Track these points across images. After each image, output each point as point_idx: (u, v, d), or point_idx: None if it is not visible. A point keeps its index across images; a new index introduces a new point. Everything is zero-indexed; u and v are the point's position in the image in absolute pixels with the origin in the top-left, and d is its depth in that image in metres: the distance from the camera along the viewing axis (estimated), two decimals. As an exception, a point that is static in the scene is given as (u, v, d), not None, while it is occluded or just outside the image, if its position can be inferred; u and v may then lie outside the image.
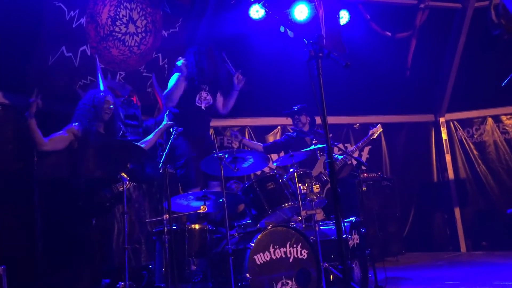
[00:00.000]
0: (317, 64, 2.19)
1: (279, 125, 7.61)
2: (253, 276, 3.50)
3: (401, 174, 7.91)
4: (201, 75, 5.05)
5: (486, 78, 7.28)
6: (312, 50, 2.21)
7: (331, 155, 2.18)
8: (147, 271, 4.19)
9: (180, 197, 4.08)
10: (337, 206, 2.13)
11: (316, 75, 2.18)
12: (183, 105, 5.03)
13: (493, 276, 4.75)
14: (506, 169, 7.71)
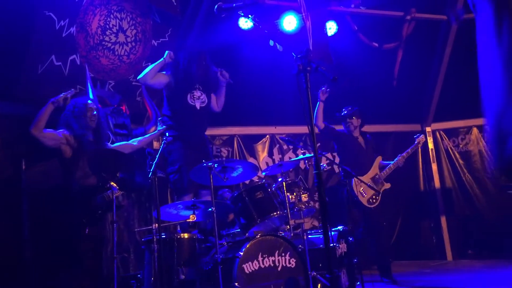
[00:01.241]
0: (305, 77, 2.25)
1: (268, 134, 7.65)
2: (241, 285, 3.53)
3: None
4: (190, 77, 5.12)
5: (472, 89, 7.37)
6: (301, 64, 2.27)
7: (319, 166, 2.24)
8: (135, 280, 4.19)
9: (170, 206, 4.11)
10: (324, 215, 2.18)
11: (305, 88, 2.24)
12: (175, 105, 5.07)
13: (478, 284, 4.83)
14: (491, 178, 7.82)
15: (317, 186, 2.16)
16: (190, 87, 5.16)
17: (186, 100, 5.10)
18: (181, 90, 5.12)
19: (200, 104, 5.15)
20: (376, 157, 5.81)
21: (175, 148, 4.89)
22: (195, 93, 5.15)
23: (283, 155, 7.57)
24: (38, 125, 4.08)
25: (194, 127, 5.12)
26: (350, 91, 7.54)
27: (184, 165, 4.87)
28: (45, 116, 4.09)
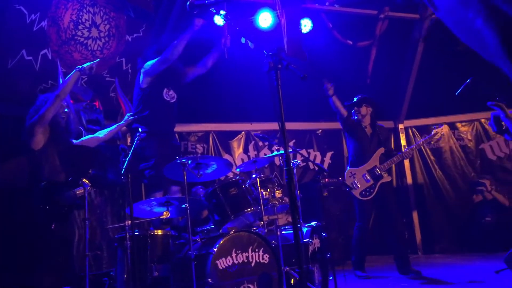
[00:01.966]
0: (276, 75, 2.26)
1: (243, 130, 7.67)
2: (215, 281, 3.54)
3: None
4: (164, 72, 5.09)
5: (443, 87, 7.57)
6: (272, 62, 2.29)
7: (289, 162, 2.26)
8: (108, 278, 4.16)
9: (143, 202, 4.08)
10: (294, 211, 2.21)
11: (276, 85, 2.26)
12: (153, 100, 5.03)
13: (447, 278, 4.95)
14: (461, 174, 8.02)
15: (287, 182, 2.18)
16: (165, 82, 5.12)
17: (162, 94, 5.07)
18: (159, 84, 5.08)
19: (171, 99, 5.14)
20: (379, 148, 5.65)
21: (149, 143, 4.84)
22: (168, 89, 5.13)
23: (259, 152, 7.59)
24: (65, 90, 4.20)
25: (168, 122, 5.10)
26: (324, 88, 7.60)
27: (159, 161, 4.84)
28: (71, 82, 4.20)
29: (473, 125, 8.18)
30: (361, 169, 5.57)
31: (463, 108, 8.01)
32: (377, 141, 5.67)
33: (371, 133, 5.71)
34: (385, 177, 5.51)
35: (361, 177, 5.51)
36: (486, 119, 8.02)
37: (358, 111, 5.75)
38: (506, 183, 7.71)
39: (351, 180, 5.57)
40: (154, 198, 4.27)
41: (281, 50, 2.13)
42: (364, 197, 5.50)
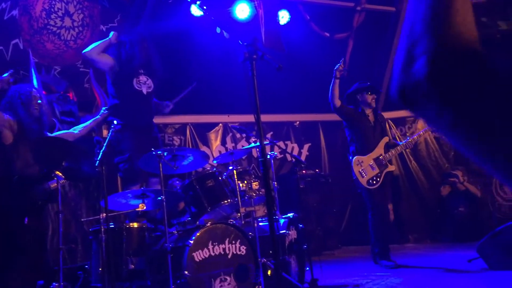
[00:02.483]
0: (251, 65, 2.25)
1: (221, 122, 7.63)
2: (191, 273, 3.53)
3: (339, 171, 8.16)
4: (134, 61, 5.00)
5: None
6: (247, 52, 2.27)
7: (265, 153, 2.25)
8: (83, 271, 4.10)
9: (119, 195, 4.03)
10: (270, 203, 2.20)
11: (251, 76, 2.24)
12: (122, 91, 4.93)
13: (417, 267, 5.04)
14: (435, 166, 8.15)
15: (263, 173, 2.18)
16: (134, 72, 5.01)
17: (132, 85, 4.96)
18: (126, 75, 4.97)
19: (147, 89, 5.03)
20: (383, 137, 5.61)
21: (124, 137, 4.77)
22: (141, 78, 5.02)
23: (236, 144, 7.57)
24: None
25: (143, 113, 5.00)
26: (301, 80, 7.63)
27: (134, 154, 4.78)
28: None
29: (445, 117, 8.30)
30: (367, 157, 5.50)
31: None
32: (381, 130, 5.65)
33: (374, 121, 5.65)
34: (390, 166, 5.52)
35: (368, 165, 5.46)
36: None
37: (363, 98, 5.63)
38: (478, 174, 7.87)
39: (359, 168, 5.47)
40: (130, 190, 4.22)
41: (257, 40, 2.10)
42: (371, 185, 5.43)
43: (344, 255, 5.78)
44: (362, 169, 5.46)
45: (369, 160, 5.48)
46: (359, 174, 5.45)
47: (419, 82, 0.67)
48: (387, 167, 5.49)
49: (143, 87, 5.02)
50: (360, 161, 5.49)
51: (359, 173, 5.45)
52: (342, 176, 8.11)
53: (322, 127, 8.37)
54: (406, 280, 4.28)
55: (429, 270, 4.81)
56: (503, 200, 7.80)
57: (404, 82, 0.70)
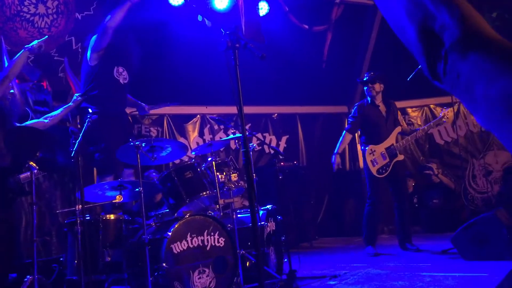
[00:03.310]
0: (234, 54, 2.21)
1: (199, 114, 7.58)
2: (170, 265, 3.49)
3: (316, 163, 8.22)
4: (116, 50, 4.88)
5: (395, 73, 7.75)
6: (229, 41, 2.23)
7: (247, 144, 2.23)
8: (58, 264, 4.03)
9: (95, 186, 3.96)
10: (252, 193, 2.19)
11: (233, 65, 2.21)
12: (102, 79, 4.81)
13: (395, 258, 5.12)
14: (410, 159, 8.27)
15: (245, 164, 2.16)
16: (117, 61, 4.90)
17: (113, 73, 4.85)
18: (110, 61, 4.85)
19: (123, 80, 4.91)
20: (396, 127, 5.68)
21: (100, 126, 4.63)
22: (119, 68, 4.91)
23: (214, 136, 7.53)
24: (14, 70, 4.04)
25: (118, 102, 4.88)
26: (280, 72, 7.62)
27: (109, 144, 4.68)
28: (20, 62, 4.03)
29: (422, 110, 8.44)
30: (380, 146, 5.59)
31: (413, 94, 8.23)
32: (393, 119, 5.71)
33: (385, 111, 5.71)
34: (399, 156, 5.59)
35: (380, 154, 5.55)
36: (435, 104, 8.29)
37: (372, 87, 5.67)
38: (452, 167, 8.03)
39: (371, 157, 5.57)
40: (106, 182, 4.14)
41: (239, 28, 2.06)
42: (380, 174, 5.54)
43: (321, 246, 5.84)
44: (374, 158, 5.57)
45: (381, 149, 5.59)
46: (371, 163, 5.56)
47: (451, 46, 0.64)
48: (397, 157, 5.58)
49: (120, 77, 4.91)
50: (373, 150, 5.59)
51: (370, 162, 5.56)
52: (319, 168, 8.18)
53: (300, 120, 8.39)
54: (384, 271, 4.33)
55: (406, 260, 4.88)
56: (475, 192, 7.97)
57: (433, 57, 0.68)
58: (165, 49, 6.15)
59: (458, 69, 0.68)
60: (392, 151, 5.55)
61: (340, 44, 7.98)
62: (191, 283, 3.55)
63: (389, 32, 4.52)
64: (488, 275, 3.73)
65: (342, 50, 8.11)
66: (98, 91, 4.76)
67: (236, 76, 2.15)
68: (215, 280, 3.66)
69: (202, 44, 6.90)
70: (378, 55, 8.10)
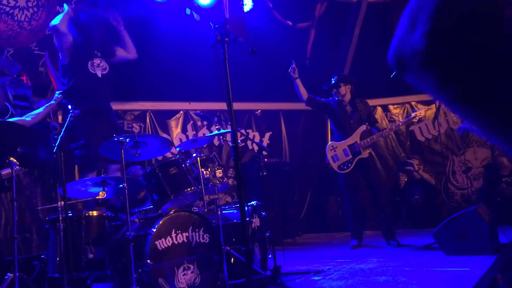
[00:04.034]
0: (223, 48, 2.20)
1: (182, 110, 7.53)
2: (154, 262, 3.46)
3: (300, 160, 8.25)
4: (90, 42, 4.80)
5: (377, 70, 7.79)
6: (219, 34, 2.21)
7: (236, 139, 2.21)
8: (39, 261, 3.95)
9: (77, 182, 3.89)
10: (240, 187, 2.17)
11: (222, 59, 2.19)
12: (76, 74, 4.72)
13: (378, 253, 5.17)
14: (392, 155, 8.37)
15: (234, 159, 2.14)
16: (90, 54, 4.81)
17: (87, 68, 4.76)
18: (82, 56, 4.77)
19: (102, 71, 4.83)
20: (361, 125, 5.75)
21: (80, 122, 4.55)
22: (95, 61, 4.82)
23: (197, 132, 7.49)
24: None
25: (98, 97, 4.80)
26: (263, 68, 7.61)
27: (90, 140, 4.61)
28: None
29: (404, 107, 8.53)
30: (342, 143, 5.73)
31: (395, 91, 8.31)
32: (359, 118, 5.79)
33: (351, 110, 5.82)
34: (363, 153, 5.66)
35: (342, 151, 5.68)
36: (416, 101, 8.38)
37: (337, 92, 5.84)
38: (433, 163, 8.15)
39: (332, 153, 5.73)
40: (89, 178, 4.08)
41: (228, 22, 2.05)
42: (342, 170, 5.69)
43: (305, 242, 5.86)
44: (334, 154, 5.72)
45: (344, 146, 5.70)
46: (331, 158, 5.72)
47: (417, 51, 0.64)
48: (361, 154, 5.66)
49: (97, 70, 4.83)
50: (334, 147, 5.74)
51: (331, 158, 5.72)
52: (302, 165, 8.21)
53: (283, 116, 8.40)
54: (368, 266, 4.37)
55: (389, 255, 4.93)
56: (455, 189, 8.10)
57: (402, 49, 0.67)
58: (148, 45, 6.08)
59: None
60: (355, 149, 5.66)
61: (324, 41, 8.01)
62: (175, 280, 3.52)
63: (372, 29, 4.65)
64: (469, 269, 3.79)
65: (325, 47, 8.14)
66: (76, 88, 4.68)
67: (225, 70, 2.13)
68: (200, 277, 3.64)
69: (186, 39, 6.85)
70: (361, 52, 8.15)
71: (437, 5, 0.63)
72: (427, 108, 8.07)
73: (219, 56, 2.21)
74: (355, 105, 5.84)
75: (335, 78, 5.91)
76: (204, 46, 6.96)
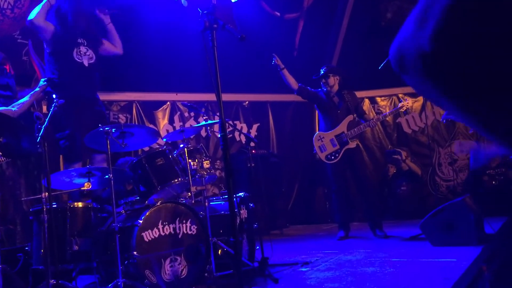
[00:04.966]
0: (211, 35, 2.15)
1: (169, 101, 7.46)
2: (141, 254, 3.42)
3: (287, 151, 8.24)
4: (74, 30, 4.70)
5: (365, 62, 7.80)
6: (207, 21, 2.16)
7: (225, 128, 2.18)
8: (23, 253, 3.89)
9: (62, 173, 3.82)
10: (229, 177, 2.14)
11: (211, 46, 2.14)
12: (61, 63, 4.63)
13: (365, 244, 5.18)
14: (379, 147, 8.40)
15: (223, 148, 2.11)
16: (74, 42, 4.71)
17: (72, 56, 4.67)
18: (66, 45, 4.67)
19: (88, 60, 4.74)
20: (348, 115, 5.78)
21: (65, 112, 4.46)
22: (81, 49, 4.73)
23: (184, 123, 7.43)
24: None
25: (84, 86, 4.72)
26: (251, 59, 7.55)
27: (75, 131, 4.53)
28: None
29: (391, 99, 8.55)
30: (329, 133, 5.76)
31: (382, 84, 8.32)
32: (346, 108, 5.81)
33: (338, 102, 5.84)
34: (350, 144, 5.68)
35: (329, 141, 5.72)
36: (403, 94, 8.40)
37: (326, 82, 5.87)
38: (419, 155, 8.20)
39: (319, 143, 5.77)
40: (74, 168, 4.01)
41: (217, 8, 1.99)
42: (329, 160, 5.72)
43: (292, 233, 5.87)
44: (322, 144, 5.76)
45: (331, 136, 5.74)
46: (319, 148, 5.77)
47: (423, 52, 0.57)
48: (348, 144, 5.69)
49: (84, 59, 4.73)
50: (322, 137, 5.79)
51: (318, 148, 5.76)
52: (289, 156, 8.19)
53: (271, 107, 8.37)
54: (355, 257, 4.38)
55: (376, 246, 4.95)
56: (441, 180, 8.16)
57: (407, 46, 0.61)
58: (134, 34, 5.98)
59: None
60: (343, 138, 5.69)
61: (312, 32, 7.97)
62: (162, 272, 3.49)
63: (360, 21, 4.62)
64: (456, 260, 3.81)
65: (314, 38, 8.10)
66: (61, 77, 4.59)
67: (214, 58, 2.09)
68: (187, 268, 3.62)
69: (172, 30, 6.76)
70: (349, 44, 8.14)
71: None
72: (414, 100, 8.08)
73: (208, 43, 2.16)
74: (342, 96, 5.86)
75: (324, 69, 5.93)
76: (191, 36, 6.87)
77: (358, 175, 5.76)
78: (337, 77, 5.89)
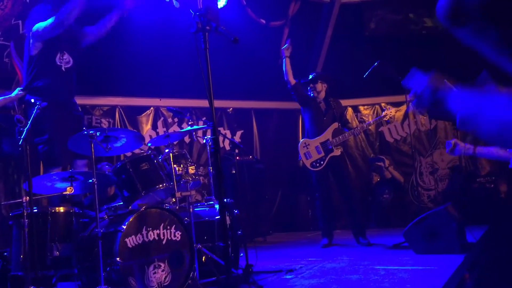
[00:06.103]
0: (204, 37, 2.13)
1: (152, 106, 7.40)
2: (124, 260, 3.35)
3: (271, 158, 8.23)
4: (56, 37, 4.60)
5: (348, 71, 7.87)
6: (200, 22, 2.14)
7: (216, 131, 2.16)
8: (1, 259, 3.79)
9: (43, 177, 3.74)
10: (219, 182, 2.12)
11: (203, 48, 2.12)
12: (43, 66, 4.52)
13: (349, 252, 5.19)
14: (361, 155, 8.47)
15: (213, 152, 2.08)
16: (58, 46, 4.62)
17: (55, 60, 4.58)
18: (53, 49, 4.58)
19: (65, 64, 4.65)
20: (333, 123, 5.82)
21: (45, 116, 4.33)
22: (64, 54, 4.65)
23: (168, 128, 7.38)
24: None
25: (65, 91, 4.63)
26: (236, 66, 7.55)
27: (54, 135, 4.43)
28: None
29: (373, 108, 8.64)
30: (315, 140, 5.78)
31: (365, 92, 8.41)
32: (332, 116, 5.85)
33: (325, 108, 5.87)
34: (335, 151, 5.71)
35: (314, 148, 5.73)
36: (386, 103, 8.49)
37: (313, 87, 5.89)
38: (401, 164, 8.29)
39: (305, 150, 5.77)
40: (56, 172, 3.93)
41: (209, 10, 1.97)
42: (314, 167, 5.73)
43: (276, 241, 5.85)
44: (307, 151, 5.76)
45: (316, 143, 5.76)
46: (304, 156, 5.76)
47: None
48: (333, 152, 5.71)
49: (62, 63, 4.65)
50: (307, 144, 5.80)
51: (304, 155, 5.77)
52: (273, 163, 8.19)
53: (255, 114, 8.37)
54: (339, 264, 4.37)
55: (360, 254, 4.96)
56: (422, 189, 8.25)
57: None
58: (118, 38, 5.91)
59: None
60: (328, 146, 5.72)
61: (297, 40, 7.97)
62: (145, 278, 3.43)
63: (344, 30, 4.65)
64: (437, 268, 3.84)
65: (299, 46, 8.13)
66: (40, 81, 4.49)
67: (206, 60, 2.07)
68: (170, 275, 3.56)
69: (157, 33, 6.71)
70: (333, 52, 8.20)
71: None
72: (397, 109, 8.18)
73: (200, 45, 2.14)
74: (329, 103, 5.90)
75: (313, 75, 5.99)
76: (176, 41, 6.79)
77: (342, 182, 5.78)
78: (325, 84, 5.93)
